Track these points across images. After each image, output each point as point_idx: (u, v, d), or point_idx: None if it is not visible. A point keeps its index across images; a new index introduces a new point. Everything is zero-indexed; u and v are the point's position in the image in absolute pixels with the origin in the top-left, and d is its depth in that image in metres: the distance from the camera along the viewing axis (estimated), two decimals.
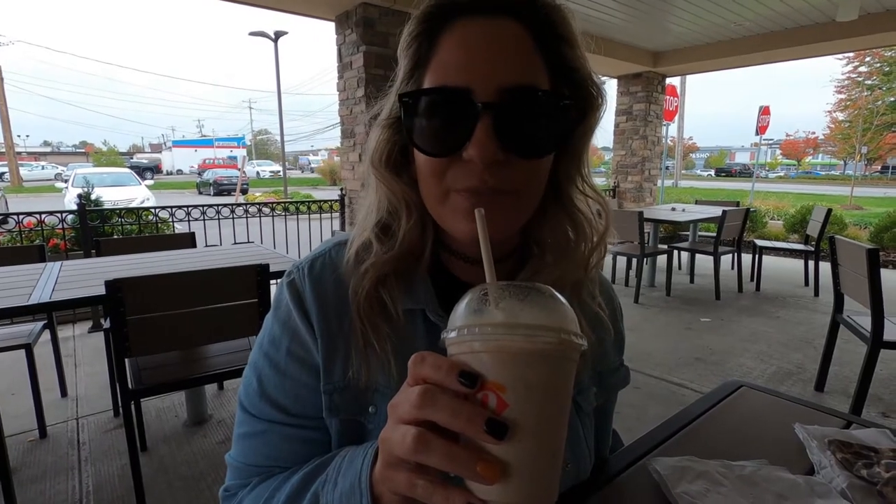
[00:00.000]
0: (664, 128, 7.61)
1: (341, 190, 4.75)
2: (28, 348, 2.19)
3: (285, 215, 5.09)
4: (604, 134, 0.55)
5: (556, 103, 0.48)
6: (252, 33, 17.77)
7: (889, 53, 20.29)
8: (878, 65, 21.97)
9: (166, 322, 1.74)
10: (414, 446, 0.32)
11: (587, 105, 0.51)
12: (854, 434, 0.72)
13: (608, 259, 5.48)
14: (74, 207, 4.06)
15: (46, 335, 2.51)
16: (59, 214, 3.98)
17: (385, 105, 0.54)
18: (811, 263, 4.93)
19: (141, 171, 28.54)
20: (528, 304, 0.33)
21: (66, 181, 14.69)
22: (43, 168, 39.13)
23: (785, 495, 0.59)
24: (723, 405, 0.85)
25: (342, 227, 4.80)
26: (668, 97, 7.38)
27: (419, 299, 0.55)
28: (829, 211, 4.72)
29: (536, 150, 0.48)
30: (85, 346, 3.48)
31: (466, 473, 0.31)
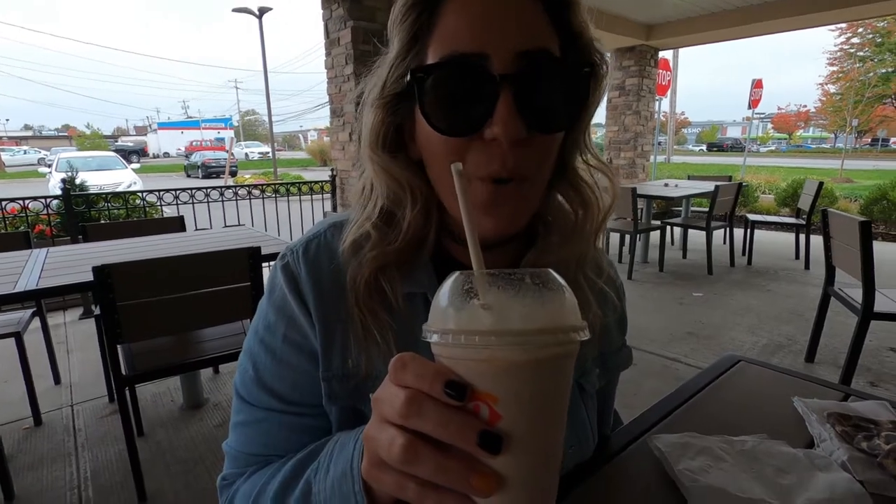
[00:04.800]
0: (657, 103, 7.55)
1: (332, 170, 4.68)
2: (18, 336, 2.16)
3: (275, 197, 5.01)
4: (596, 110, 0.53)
5: (578, 71, 0.45)
6: (235, 9, 17.26)
7: (882, 24, 20.15)
8: (871, 36, 21.85)
9: (158, 307, 1.71)
10: (402, 457, 0.30)
11: (594, 73, 0.49)
12: (853, 406, 0.72)
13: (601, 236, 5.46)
14: (59, 192, 3.98)
15: (36, 322, 2.48)
16: (43, 200, 3.89)
17: (373, 83, 0.50)
18: (802, 237, 4.97)
19: (126, 154, 27.90)
20: (521, 300, 0.29)
21: (49, 166, 14.33)
22: (25, 153, 38.23)
23: (785, 469, 0.59)
24: (721, 380, 0.85)
25: (334, 209, 4.75)
26: (660, 71, 7.30)
27: (421, 283, 0.53)
28: (821, 184, 4.73)
29: (559, 124, 0.46)
30: (76, 333, 3.45)
31: (460, 487, 0.29)
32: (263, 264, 1.90)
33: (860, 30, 21.70)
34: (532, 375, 0.29)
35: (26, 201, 3.85)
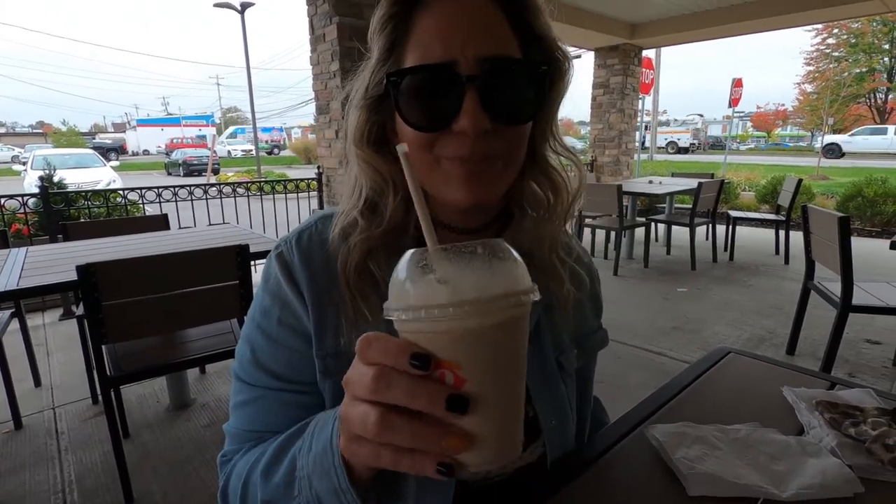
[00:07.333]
0: (640, 101, 7.63)
1: (318, 168, 4.64)
2: None
3: (261, 195, 4.94)
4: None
5: (535, 71, 0.51)
6: (217, 4, 16.95)
7: (856, 25, 20.68)
8: (845, 37, 22.41)
9: (144, 307, 1.68)
10: (377, 430, 0.33)
11: (556, 70, 0.54)
12: (839, 395, 0.75)
13: (587, 233, 5.55)
14: (36, 191, 3.87)
15: (15, 324, 2.41)
16: (20, 198, 3.79)
17: (357, 86, 0.55)
18: (782, 233, 5.07)
19: (105, 151, 27.26)
20: (472, 270, 0.32)
21: (24, 163, 13.91)
22: None
23: (778, 456, 0.61)
24: (712, 372, 0.87)
25: (321, 206, 4.71)
26: (644, 70, 7.38)
27: None
28: (800, 181, 4.84)
29: (520, 117, 0.51)
30: (56, 334, 3.37)
31: (434, 449, 0.32)
32: (252, 262, 1.88)
33: (835, 31, 22.24)
34: (488, 339, 0.31)
35: (2, 199, 3.74)
